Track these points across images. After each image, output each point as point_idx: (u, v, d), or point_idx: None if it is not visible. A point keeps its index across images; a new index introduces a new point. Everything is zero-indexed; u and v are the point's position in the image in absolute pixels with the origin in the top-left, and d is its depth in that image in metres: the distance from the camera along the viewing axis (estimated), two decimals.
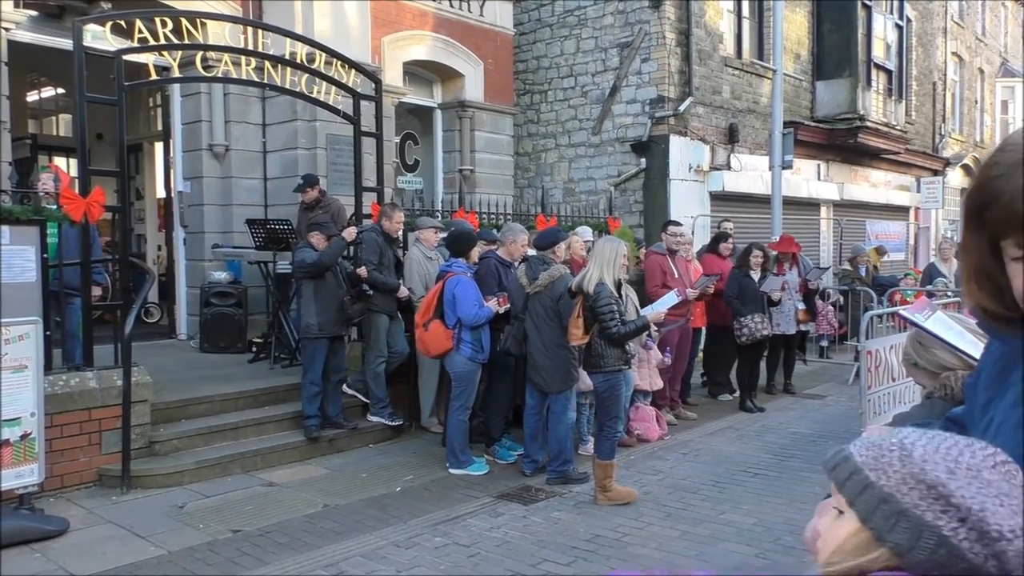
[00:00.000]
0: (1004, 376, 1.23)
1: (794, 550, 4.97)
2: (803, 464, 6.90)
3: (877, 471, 1.09)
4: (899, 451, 1.10)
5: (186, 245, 10.57)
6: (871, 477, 1.09)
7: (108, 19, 7.11)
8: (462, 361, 6.83)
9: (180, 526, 5.57)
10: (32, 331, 5.47)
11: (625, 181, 13.36)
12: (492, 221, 9.15)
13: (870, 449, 1.13)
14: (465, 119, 12.38)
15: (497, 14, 12.67)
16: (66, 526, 5.42)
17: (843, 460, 1.15)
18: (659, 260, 8.70)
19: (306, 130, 10.02)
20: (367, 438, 7.71)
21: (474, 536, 5.40)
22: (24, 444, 5.39)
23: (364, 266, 7.44)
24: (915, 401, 4.77)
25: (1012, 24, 28.64)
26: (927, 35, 20.92)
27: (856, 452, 1.14)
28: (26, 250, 6.04)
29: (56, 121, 15.58)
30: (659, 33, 12.90)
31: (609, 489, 6.03)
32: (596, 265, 6.09)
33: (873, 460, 1.11)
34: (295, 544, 5.26)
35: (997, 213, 1.06)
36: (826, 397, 10.06)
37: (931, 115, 21.32)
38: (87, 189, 6.34)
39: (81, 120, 6.43)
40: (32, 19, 8.65)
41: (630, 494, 6.06)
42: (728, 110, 14.09)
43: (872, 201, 18.30)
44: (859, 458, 1.12)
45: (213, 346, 9.54)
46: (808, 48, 16.30)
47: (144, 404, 6.58)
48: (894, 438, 1.12)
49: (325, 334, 7.24)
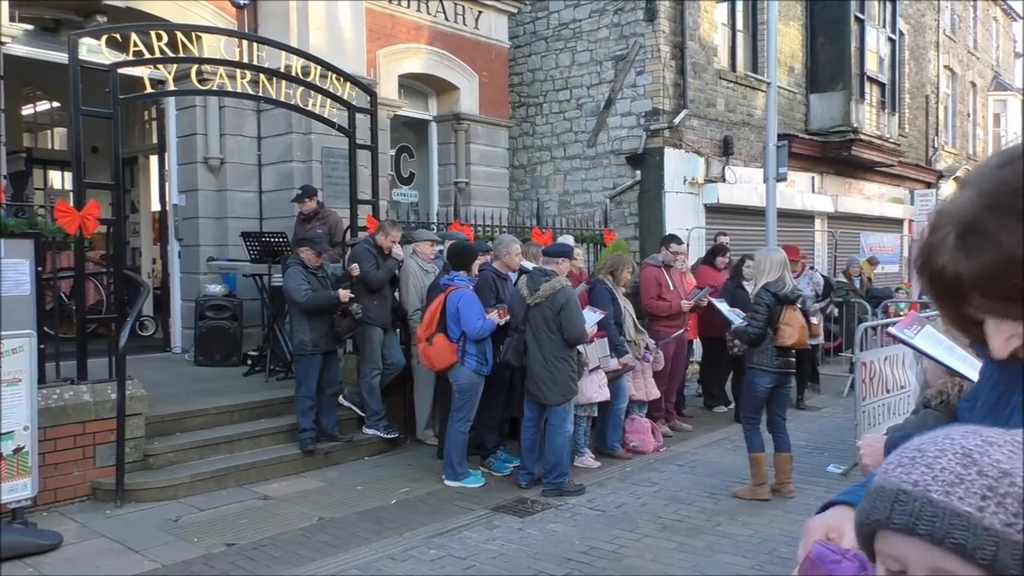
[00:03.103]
0: (1004, 402, 1.19)
1: (790, 562, 4.96)
2: (799, 475, 6.89)
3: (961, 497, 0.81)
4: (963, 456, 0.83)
5: (181, 258, 10.55)
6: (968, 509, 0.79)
7: (103, 33, 7.15)
8: (467, 374, 6.83)
9: (175, 540, 5.54)
10: (26, 344, 5.45)
11: (620, 193, 13.38)
12: (487, 234, 9.16)
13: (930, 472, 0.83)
14: (460, 132, 12.41)
15: (492, 27, 12.72)
16: (59, 540, 5.39)
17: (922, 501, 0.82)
18: (655, 272, 8.71)
19: (301, 143, 10.03)
20: (362, 451, 7.69)
21: (470, 548, 5.38)
22: (17, 458, 5.37)
23: (358, 264, 7.39)
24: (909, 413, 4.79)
25: (1004, 38, 28.84)
26: (919, 49, 21.05)
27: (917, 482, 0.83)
28: (20, 263, 6.03)
29: (51, 135, 15.58)
30: (654, 46, 12.96)
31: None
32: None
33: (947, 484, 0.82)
34: (290, 557, 5.24)
35: (946, 286, 0.99)
36: (821, 409, 10.06)
37: (924, 128, 21.42)
38: (82, 202, 6.34)
39: (76, 133, 6.43)
40: (28, 33, 8.66)
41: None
42: (723, 123, 14.14)
43: (866, 213, 18.36)
44: (936, 494, 0.81)
45: (208, 359, 9.51)
46: (802, 61, 16.38)
47: (139, 417, 6.55)
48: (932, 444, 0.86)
49: (319, 350, 7.23)
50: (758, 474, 6.46)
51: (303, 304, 7.10)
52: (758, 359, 6.37)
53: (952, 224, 0.96)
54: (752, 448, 6.48)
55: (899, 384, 7.85)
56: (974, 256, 0.94)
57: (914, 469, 0.84)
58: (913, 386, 7.59)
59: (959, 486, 0.80)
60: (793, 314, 6.30)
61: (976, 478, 0.80)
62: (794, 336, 6.26)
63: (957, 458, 0.82)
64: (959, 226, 0.95)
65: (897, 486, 0.84)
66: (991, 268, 0.93)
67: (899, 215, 20.23)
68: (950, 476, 0.81)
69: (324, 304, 7.21)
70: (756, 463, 6.47)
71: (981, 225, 0.93)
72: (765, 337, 6.28)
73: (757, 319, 6.24)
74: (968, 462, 0.81)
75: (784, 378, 6.47)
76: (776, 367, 6.34)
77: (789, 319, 6.26)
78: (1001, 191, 0.92)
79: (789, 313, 6.28)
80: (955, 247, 0.95)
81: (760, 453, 6.45)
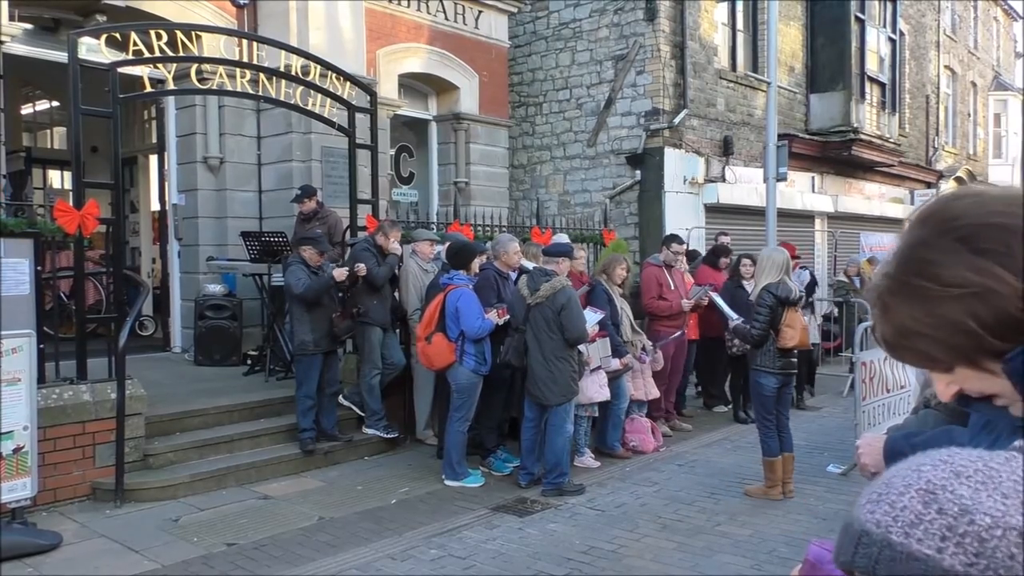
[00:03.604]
0: (1000, 447, 1.19)
1: (790, 562, 4.96)
2: (799, 475, 6.89)
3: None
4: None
5: (180, 258, 10.55)
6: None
7: (103, 32, 7.14)
8: (466, 373, 6.82)
9: (174, 540, 5.54)
10: (25, 344, 5.45)
11: (620, 193, 13.38)
12: (487, 233, 9.15)
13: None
14: (460, 131, 12.40)
15: (492, 27, 12.71)
16: (59, 540, 5.39)
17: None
18: (655, 272, 8.71)
19: (301, 142, 10.02)
20: (362, 450, 7.69)
21: (469, 548, 5.38)
22: (17, 458, 5.36)
23: (363, 263, 7.40)
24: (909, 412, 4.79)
25: (1004, 38, 28.84)
26: (920, 49, 21.04)
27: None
28: (20, 263, 6.03)
29: (51, 134, 15.58)
30: (654, 46, 12.95)
31: None
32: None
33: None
34: (290, 557, 5.24)
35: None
36: (821, 409, 10.06)
37: (924, 128, 21.41)
38: (81, 202, 6.34)
39: (76, 133, 6.43)
40: (27, 32, 8.66)
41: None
42: (723, 122, 14.14)
43: (866, 213, 18.34)
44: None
45: (208, 359, 9.51)
46: (802, 61, 16.38)
47: (138, 417, 6.55)
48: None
49: (320, 350, 7.23)
50: (772, 477, 6.45)
51: (302, 293, 7.08)
52: (761, 360, 6.37)
53: (870, 296, 1.07)
54: (767, 452, 6.46)
55: (899, 384, 7.85)
56: (886, 326, 1.03)
57: (878, 508, 0.81)
58: (913, 386, 7.59)
59: (918, 527, 0.77)
60: (795, 316, 6.30)
61: (936, 517, 0.77)
62: (796, 338, 6.26)
63: (920, 495, 0.79)
64: (872, 301, 1.06)
65: (862, 526, 0.82)
66: (897, 340, 1.02)
67: (899, 215, 20.15)
68: (910, 516, 0.78)
69: (322, 288, 7.21)
70: (770, 467, 6.46)
71: (882, 302, 1.03)
72: (768, 339, 6.28)
73: (759, 320, 6.23)
74: (929, 499, 0.78)
75: (787, 378, 6.48)
76: (779, 368, 6.34)
77: (791, 321, 6.26)
78: (896, 268, 1.02)
79: (791, 315, 6.28)
80: (876, 316, 1.05)
81: (775, 458, 6.43)
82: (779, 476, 6.44)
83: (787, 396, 6.61)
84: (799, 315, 6.37)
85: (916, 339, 0.99)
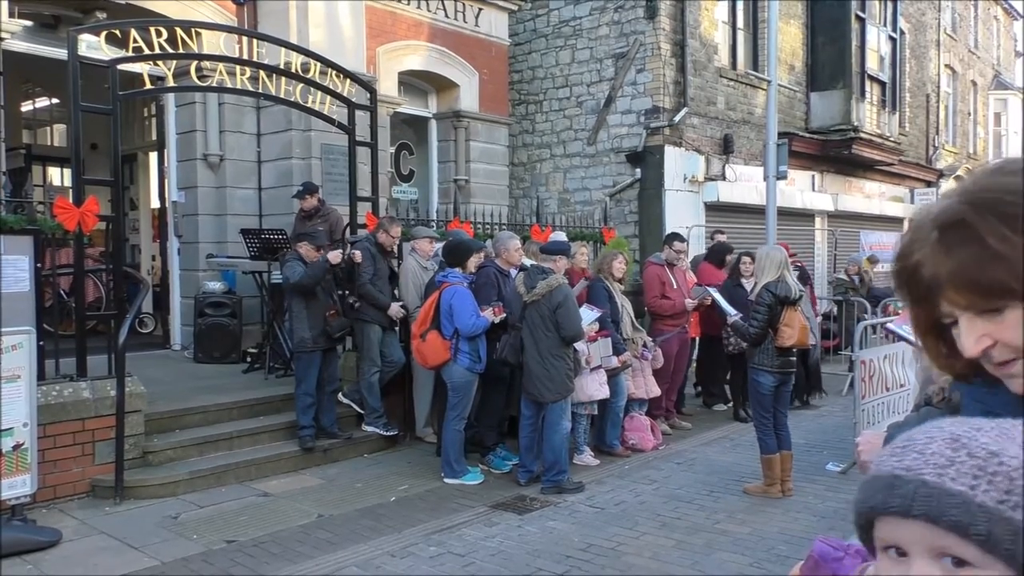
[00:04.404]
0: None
1: (789, 560, 4.96)
2: (798, 474, 6.89)
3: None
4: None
5: (180, 255, 10.55)
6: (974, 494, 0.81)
7: (103, 29, 7.13)
8: (460, 371, 6.82)
9: (174, 537, 5.54)
10: (25, 341, 5.45)
11: (620, 191, 13.37)
12: (487, 231, 9.15)
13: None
14: (460, 129, 12.40)
15: (492, 24, 12.71)
16: (59, 537, 5.39)
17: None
18: (658, 271, 8.70)
19: (301, 140, 10.02)
20: (362, 448, 7.69)
21: (469, 545, 5.38)
22: (16, 454, 5.36)
23: (359, 251, 7.41)
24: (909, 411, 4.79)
25: (1004, 37, 28.83)
26: (920, 47, 21.03)
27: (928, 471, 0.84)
28: (20, 260, 6.03)
29: (50, 131, 15.58)
30: (654, 44, 12.94)
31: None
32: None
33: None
34: (289, 554, 5.24)
35: (921, 284, 1.03)
36: (820, 407, 10.05)
37: (924, 127, 21.40)
38: (81, 199, 6.33)
39: (75, 130, 6.43)
40: (27, 29, 8.65)
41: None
42: (723, 121, 14.13)
43: (866, 212, 18.35)
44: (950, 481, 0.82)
45: (207, 356, 9.51)
46: (802, 59, 16.37)
47: (138, 414, 6.55)
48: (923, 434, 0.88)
49: (319, 347, 7.24)
50: (770, 475, 6.46)
51: (299, 280, 7.07)
52: (759, 359, 6.37)
53: (934, 224, 1.00)
54: (765, 450, 6.47)
55: (899, 382, 7.85)
56: (953, 251, 0.97)
57: (906, 456, 0.86)
58: (913, 384, 7.59)
59: (950, 468, 0.82)
60: (793, 315, 6.30)
61: (966, 459, 0.83)
62: (794, 337, 6.26)
63: (946, 443, 0.85)
64: (941, 224, 0.99)
65: (891, 472, 0.86)
66: (970, 263, 0.96)
67: (899, 214, 20.19)
68: (941, 459, 0.84)
69: (319, 274, 7.22)
70: (769, 464, 6.46)
71: (963, 222, 0.96)
72: (766, 337, 6.28)
73: (758, 319, 6.23)
74: (957, 446, 0.84)
75: (785, 377, 6.48)
76: (777, 367, 6.34)
77: (789, 320, 6.26)
78: (984, 193, 0.97)
79: (789, 314, 6.28)
80: (936, 243, 0.99)
81: (773, 455, 6.44)
82: (777, 474, 6.44)
83: (785, 395, 6.61)
84: (798, 314, 6.37)
85: (997, 264, 0.94)
